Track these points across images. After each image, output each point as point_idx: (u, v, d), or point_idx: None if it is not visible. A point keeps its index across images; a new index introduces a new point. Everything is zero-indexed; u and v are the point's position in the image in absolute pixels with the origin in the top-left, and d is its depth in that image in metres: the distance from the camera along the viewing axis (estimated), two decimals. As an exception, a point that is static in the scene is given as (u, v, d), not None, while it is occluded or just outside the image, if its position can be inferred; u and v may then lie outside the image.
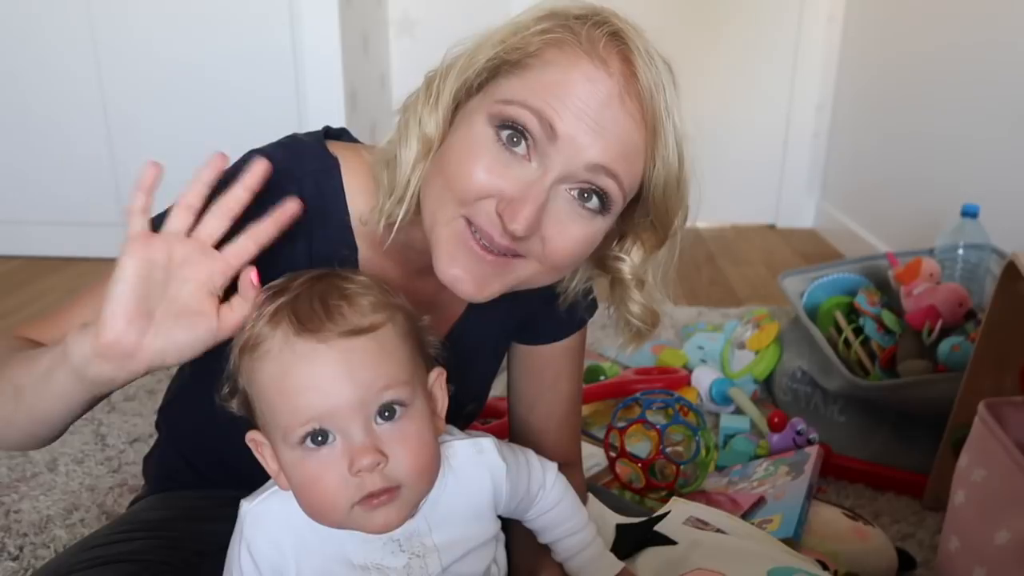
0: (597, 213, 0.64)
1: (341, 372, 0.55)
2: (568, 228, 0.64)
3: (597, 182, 0.63)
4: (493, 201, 0.62)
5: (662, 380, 1.51)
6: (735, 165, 3.00)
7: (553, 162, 0.61)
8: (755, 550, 0.88)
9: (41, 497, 1.24)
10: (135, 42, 2.30)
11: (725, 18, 2.87)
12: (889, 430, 1.33)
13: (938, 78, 2.09)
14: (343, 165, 0.73)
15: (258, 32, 2.28)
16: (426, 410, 0.60)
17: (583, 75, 0.61)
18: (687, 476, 1.19)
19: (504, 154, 0.62)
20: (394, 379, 0.57)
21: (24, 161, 2.41)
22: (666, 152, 0.64)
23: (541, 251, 0.64)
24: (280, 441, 0.57)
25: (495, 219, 0.62)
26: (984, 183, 1.80)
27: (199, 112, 2.33)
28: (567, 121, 0.60)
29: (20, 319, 2.00)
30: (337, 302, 0.57)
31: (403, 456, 0.56)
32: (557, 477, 0.72)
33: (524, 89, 0.62)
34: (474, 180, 0.62)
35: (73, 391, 0.61)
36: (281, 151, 0.71)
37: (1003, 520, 0.83)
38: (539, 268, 0.66)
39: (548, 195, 0.62)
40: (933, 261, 1.46)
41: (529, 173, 0.62)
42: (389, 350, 0.57)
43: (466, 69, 0.64)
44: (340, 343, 0.55)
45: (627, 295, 0.73)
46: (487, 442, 0.66)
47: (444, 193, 0.64)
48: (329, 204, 0.72)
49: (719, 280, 2.42)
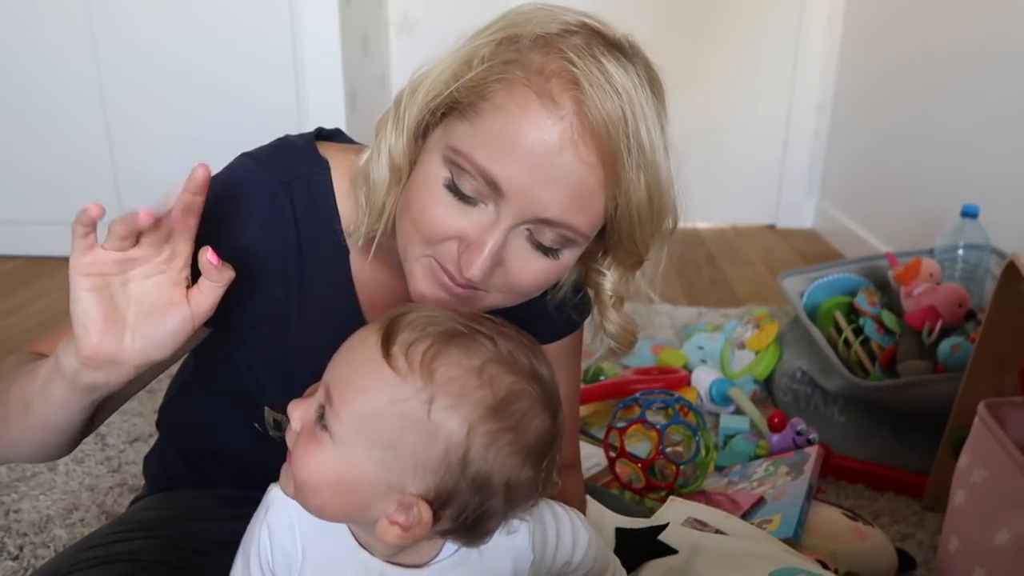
0: (559, 250, 0.64)
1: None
2: (530, 263, 0.63)
3: (553, 230, 0.62)
4: (455, 242, 0.62)
5: (662, 380, 1.51)
6: (735, 165, 3.01)
7: (505, 212, 0.61)
8: (756, 551, 0.88)
9: (41, 497, 1.24)
10: (135, 42, 2.30)
11: (725, 18, 2.87)
12: (889, 430, 1.33)
13: (938, 78, 2.09)
14: (333, 167, 0.72)
15: (258, 32, 2.28)
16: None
17: (532, 124, 0.58)
18: (687, 476, 1.19)
19: (460, 204, 0.62)
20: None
21: (24, 161, 2.41)
22: (628, 187, 0.60)
23: (504, 283, 0.64)
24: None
25: (456, 262, 0.62)
26: (984, 183, 1.80)
27: (199, 112, 2.33)
28: (514, 180, 0.59)
29: (20, 319, 2.01)
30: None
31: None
32: (589, 542, 0.68)
33: (473, 140, 0.60)
34: (435, 224, 0.62)
35: (71, 398, 0.62)
36: (271, 154, 0.71)
37: (1003, 520, 0.83)
38: (505, 297, 0.66)
39: (506, 237, 0.61)
40: (933, 261, 1.46)
41: (486, 216, 0.61)
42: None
43: (427, 97, 0.63)
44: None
45: (605, 313, 0.72)
46: (522, 527, 0.61)
47: (411, 231, 0.64)
48: (319, 207, 0.71)
49: (719, 280, 2.42)
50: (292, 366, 0.74)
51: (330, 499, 0.54)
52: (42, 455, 0.71)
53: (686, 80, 2.94)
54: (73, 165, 2.40)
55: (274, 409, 0.77)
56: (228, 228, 0.67)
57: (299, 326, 0.73)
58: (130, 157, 2.38)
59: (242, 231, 0.68)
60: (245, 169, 0.70)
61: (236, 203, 0.68)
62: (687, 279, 2.41)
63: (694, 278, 2.43)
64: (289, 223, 0.70)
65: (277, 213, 0.69)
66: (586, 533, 0.68)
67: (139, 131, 2.36)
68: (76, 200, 2.44)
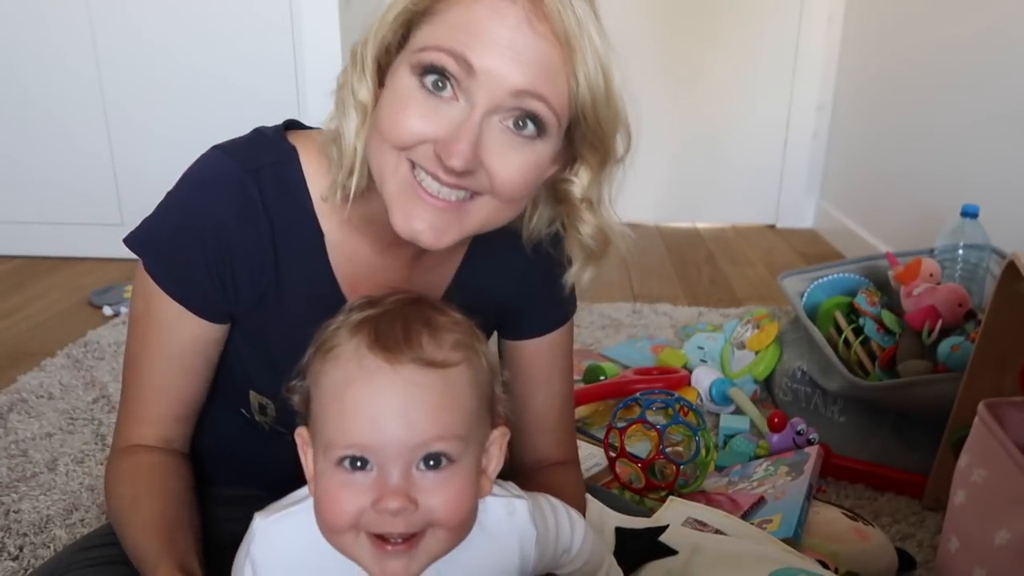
0: (535, 138, 0.65)
1: (397, 408, 0.53)
2: (510, 157, 0.65)
3: (525, 107, 0.64)
4: (430, 145, 0.63)
5: (662, 380, 1.51)
6: (735, 165, 3.01)
7: (478, 96, 0.63)
8: (756, 552, 0.88)
9: (41, 497, 1.24)
10: (135, 42, 2.30)
11: (725, 18, 2.87)
12: (889, 430, 1.33)
13: (938, 78, 2.09)
14: (301, 152, 0.74)
15: (258, 32, 2.28)
16: (474, 469, 0.57)
17: (487, 8, 0.62)
18: (687, 476, 1.19)
19: (432, 99, 0.63)
20: (449, 431, 0.54)
21: (24, 161, 2.41)
22: (587, 68, 0.64)
23: (490, 185, 0.65)
24: (321, 451, 0.56)
25: (435, 160, 0.63)
26: (984, 183, 1.80)
27: (199, 113, 2.33)
28: (481, 54, 0.62)
29: (20, 319, 2.01)
30: (419, 329, 0.56)
31: (436, 507, 0.54)
32: (585, 533, 0.69)
33: (436, 34, 0.63)
34: (407, 128, 0.64)
35: None
36: (240, 145, 0.74)
37: (1003, 520, 0.82)
38: (494, 204, 0.67)
39: (481, 128, 0.63)
40: (933, 261, 1.46)
41: (458, 112, 0.63)
42: (454, 395, 0.55)
43: (382, 30, 0.66)
44: (407, 371, 0.54)
45: (578, 216, 0.73)
46: (521, 505, 0.63)
47: (383, 146, 0.65)
48: (290, 191, 0.73)
49: (719, 280, 2.42)
50: (274, 348, 0.76)
51: (472, 514, 0.58)
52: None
53: (686, 80, 2.94)
54: (73, 165, 2.40)
55: (258, 393, 0.79)
56: (205, 219, 0.70)
57: (278, 309, 0.75)
58: (130, 157, 2.38)
59: (220, 219, 0.71)
60: (214, 159, 0.73)
61: (207, 193, 0.71)
62: (687, 279, 2.41)
63: (694, 278, 2.43)
64: (259, 209, 0.72)
65: (247, 199, 0.71)
66: (582, 523, 0.69)
67: (139, 131, 2.36)
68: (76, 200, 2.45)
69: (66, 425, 1.46)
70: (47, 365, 1.70)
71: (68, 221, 2.44)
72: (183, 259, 0.71)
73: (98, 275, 2.28)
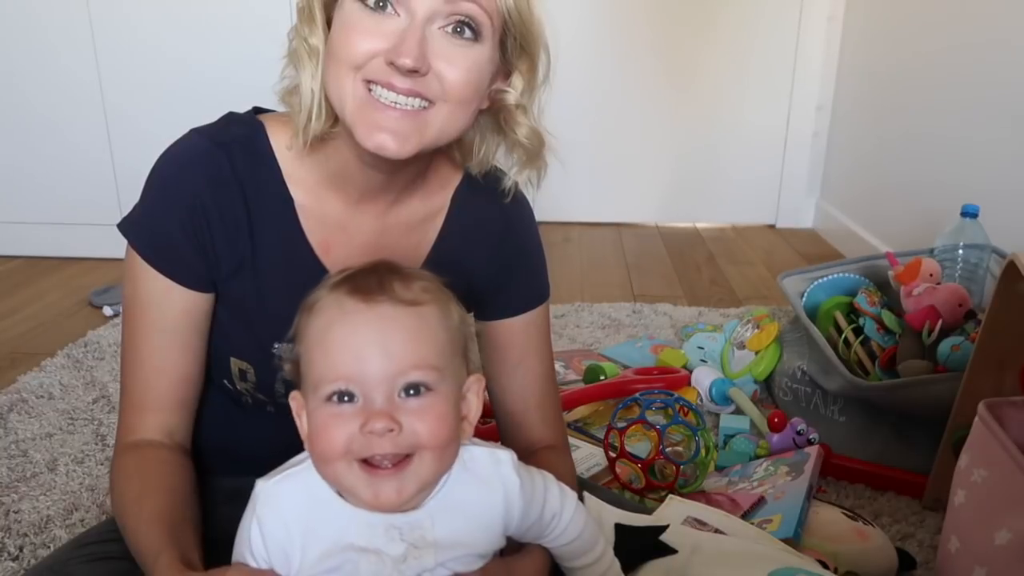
0: (473, 41, 0.71)
1: (376, 340, 0.59)
2: (455, 59, 0.70)
3: (460, 11, 0.69)
4: (381, 58, 0.69)
5: (662, 380, 1.51)
6: (735, 165, 3.00)
7: (416, 6, 0.68)
8: (756, 551, 0.88)
9: (41, 497, 1.24)
10: (135, 42, 2.30)
11: (725, 18, 2.87)
12: (889, 430, 1.33)
13: (938, 78, 2.09)
14: (268, 125, 0.80)
15: (258, 33, 2.28)
16: (452, 400, 0.62)
17: None
18: (687, 476, 1.19)
19: (375, 16, 0.69)
20: (424, 360, 0.59)
21: (24, 161, 2.41)
22: None
23: (441, 89, 0.70)
24: (311, 392, 0.60)
25: (388, 69, 0.68)
26: (984, 183, 1.80)
27: (199, 113, 2.26)
28: None
29: (20, 319, 2.01)
30: (392, 278, 0.61)
31: (419, 428, 0.58)
32: (577, 509, 0.71)
33: None
34: (357, 47, 0.69)
35: None
36: (212, 125, 0.80)
37: (1003, 520, 0.82)
38: (447, 109, 0.72)
39: (423, 33, 0.69)
40: (933, 261, 1.45)
41: (401, 23, 0.69)
42: (427, 330, 0.61)
43: None
44: (383, 308, 0.59)
45: (514, 120, 0.79)
46: (505, 455, 0.66)
47: (339, 72, 0.70)
48: (259, 161, 0.78)
49: (719, 280, 2.42)
50: (252, 312, 0.80)
51: (454, 441, 0.62)
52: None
53: (686, 80, 2.94)
54: (73, 165, 2.40)
55: (238, 358, 0.82)
56: (181, 191, 0.76)
57: (255, 274, 0.79)
58: (130, 157, 2.38)
59: (194, 190, 0.75)
60: (186, 140, 0.79)
61: (181, 168, 0.77)
62: (687, 279, 2.41)
63: (694, 278, 2.43)
64: (231, 179, 0.76)
65: (218, 170, 0.76)
66: (574, 498, 0.72)
67: (139, 131, 2.36)
68: (76, 200, 2.45)
69: (66, 425, 1.46)
70: (47, 365, 1.70)
71: (68, 221, 2.44)
72: (164, 232, 0.76)
73: (98, 275, 2.28)
